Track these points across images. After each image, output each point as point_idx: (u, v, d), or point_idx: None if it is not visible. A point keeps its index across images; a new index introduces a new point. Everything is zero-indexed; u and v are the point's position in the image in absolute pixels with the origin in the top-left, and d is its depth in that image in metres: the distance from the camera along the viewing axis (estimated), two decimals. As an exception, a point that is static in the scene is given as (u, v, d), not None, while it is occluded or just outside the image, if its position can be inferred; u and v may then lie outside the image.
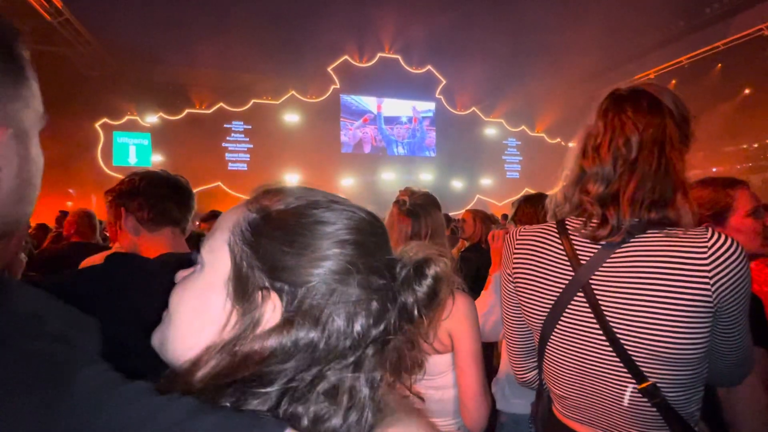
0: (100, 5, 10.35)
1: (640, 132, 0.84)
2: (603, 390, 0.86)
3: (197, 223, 5.29)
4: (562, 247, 0.91)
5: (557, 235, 0.93)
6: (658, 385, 0.79)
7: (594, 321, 0.84)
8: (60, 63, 10.96)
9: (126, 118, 12.59)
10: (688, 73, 12.75)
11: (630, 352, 0.80)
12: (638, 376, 0.80)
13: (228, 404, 0.43)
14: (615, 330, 0.81)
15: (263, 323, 0.44)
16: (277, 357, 0.43)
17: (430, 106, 15.69)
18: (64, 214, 4.17)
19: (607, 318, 0.82)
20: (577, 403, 0.91)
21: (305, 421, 0.42)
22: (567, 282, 0.88)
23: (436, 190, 1.45)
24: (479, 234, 3.32)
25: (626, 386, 0.82)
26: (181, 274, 0.52)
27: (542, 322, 0.93)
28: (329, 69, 14.32)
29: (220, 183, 13.17)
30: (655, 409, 0.81)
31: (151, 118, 12.75)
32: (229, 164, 13.74)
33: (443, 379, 1.26)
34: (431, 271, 0.50)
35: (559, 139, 16.69)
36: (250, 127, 13.82)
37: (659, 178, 0.82)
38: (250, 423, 0.39)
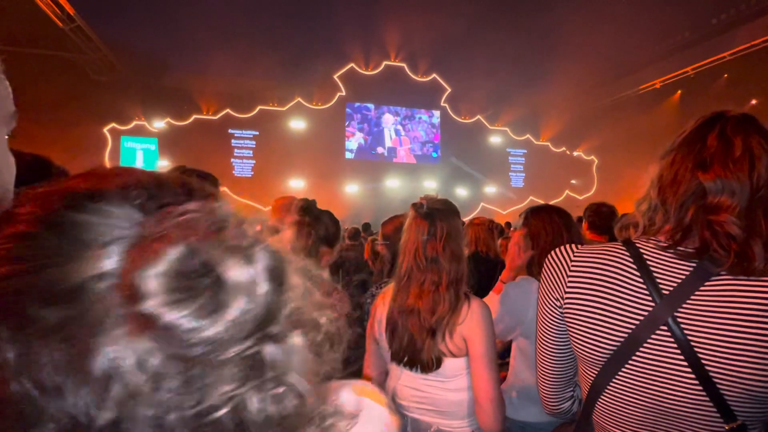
0: (111, 13, 10.53)
1: None
2: (682, 430, 0.79)
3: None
4: (637, 273, 0.80)
5: (630, 259, 0.82)
6: (746, 423, 0.75)
7: (681, 358, 0.75)
8: (70, 68, 11.15)
9: (134, 123, 12.74)
10: (694, 83, 12.72)
11: (723, 392, 0.73)
12: (727, 416, 0.74)
13: None
14: (708, 369, 0.73)
15: None
16: None
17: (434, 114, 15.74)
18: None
19: (699, 356, 0.74)
20: None
21: None
22: (645, 314, 0.78)
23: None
24: (474, 242, 3.27)
25: (712, 427, 0.76)
26: None
27: (607, 357, 0.82)
28: (335, 76, 14.43)
29: (225, 189, 13.23)
30: None
31: (159, 124, 12.89)
32: (235, 170, 13.83)
33: (458, 381, 1.27)
34: None
35: (564, 148, 16.67)
36: (256, 133, 13.93)
37: None
38: None
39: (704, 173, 0.76)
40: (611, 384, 0.84)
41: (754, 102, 11.83)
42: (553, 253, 0.94)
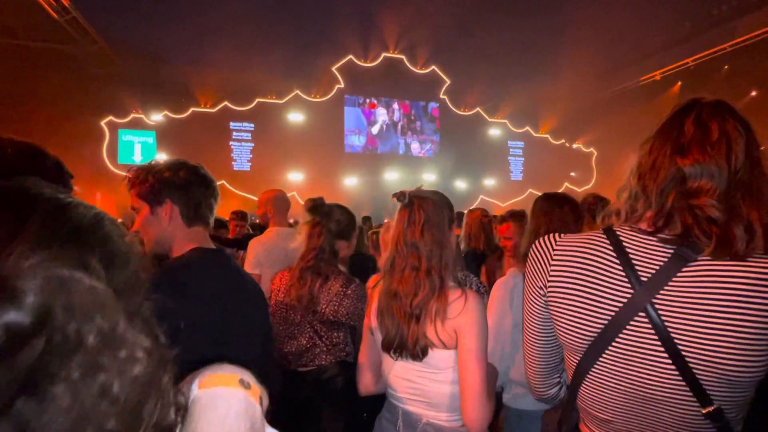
0: (108, 4, 10.41)
1: (745, 145, 0.77)
2: (660, 415, 0.81)
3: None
4: (617, 261, 0.82)
5: (610, 247, 0.83)
6: (723, 407, 0.76)
7: (658, 344, 0.77)
8: (66, 61, 11.05)
9: (131, 116, 12.66)
10: (694, 75, 12.66)
11: (699, 377, 0.75)
12: (704, 400, 0.76)
13: None
14: (684, 354, 0.75)
15: None
16: None
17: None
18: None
19: (676, 342, 0.75)
20: (624, 428, 0.86)
21: None
22: (624, 301, 0.80)
23: (440, 191, 1.46)
24: (467, 239, 3.26)
25: (689, 410, 0.78)
26: None
27: (588, 343, 0.84)
28: (334, 69, 14.34)
29: (224, 182, 13.21)
30: (714, 430, 0.78)
31: (156, 117, 12.81)
32: (234, 163, 13.79)
33: (449, 373, 1.26)
34: None
35: (563, 140, 16.64)
36: (254, 126, 13.86)
37: None
38: None
39: (682, 158, 0.77)
40: (593, 369, 0.86)
41: (754, 93, 11.79)
42: (537, 242, 0.96)
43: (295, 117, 14.04)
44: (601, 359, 0.84)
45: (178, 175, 1.27)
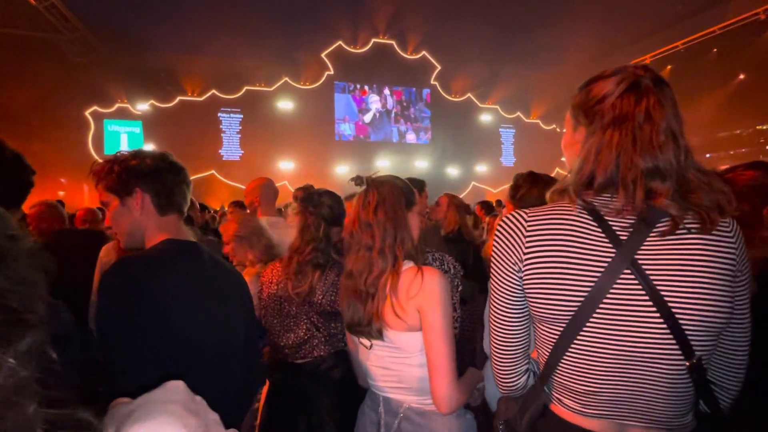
0: (87, -11, 10.08)
1: (683, 136, 0.83)
2: (646, 375, 0.82)
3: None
4: (594, 224, 0.83)
5: (584, 212, 0.84)
6: (702, 357, 0.80)
7: (645, 298, 0.79)
8: (47, 49, 10.73)
9: (116, 105, 12.40)
10: (683, 58, 12.70)
11: (684, 326, 0.78)
12: (687, 352, 0.79)
13: None
14: (670, 305, 0.78)
15: None
16: None
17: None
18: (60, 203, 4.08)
19: (662, 293, 0.78)
20: (609, 396, 0.85)
21: None
22: (608, 261, 0.81)
23: (432, 178, 1.46)
24: (454, 222, 3.29)
25: (674, 365, 0.80)
26: None
27: (574, 311, 0.83)
28: (323, 55, 14.13)
29: (213, 171, 13.07)
30: (691, 385, 0.81)
31: (143, 106, 12.57)
32: (223, 152, 13.62)
33: (420, 357, 1.25)
34: None
35: (554, 126, 16.67)
36: (243, 114, 13.67)
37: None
38: None
39: (640, 156, 0.80)
40: (579, 337, 0.84)
41: (742, 76, 11.88)
42: (504, 219, 0.94)
43: (285, 104, 13.87)
44: (588, 324, 0.83)
45: (145, 162, 1.20)
